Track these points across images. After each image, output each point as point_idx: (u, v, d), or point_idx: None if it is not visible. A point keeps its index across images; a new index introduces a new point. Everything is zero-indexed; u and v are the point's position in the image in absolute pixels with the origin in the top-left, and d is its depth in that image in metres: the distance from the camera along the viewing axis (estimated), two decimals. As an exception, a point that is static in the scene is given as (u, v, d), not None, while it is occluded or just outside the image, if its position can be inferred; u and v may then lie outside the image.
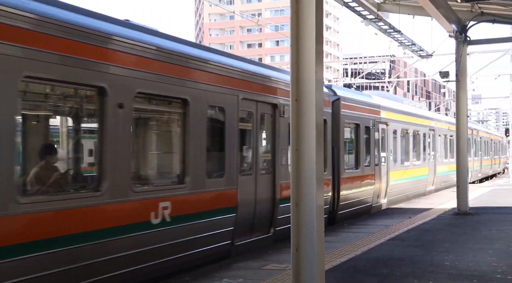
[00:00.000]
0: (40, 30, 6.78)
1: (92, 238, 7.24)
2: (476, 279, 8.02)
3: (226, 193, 10.37)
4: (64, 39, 7.10)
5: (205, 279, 8.33)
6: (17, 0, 6.62)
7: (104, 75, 7.71)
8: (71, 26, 7.25)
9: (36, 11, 6.82)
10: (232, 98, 10.52)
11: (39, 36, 6.80)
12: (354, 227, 13.94)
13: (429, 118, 27.76)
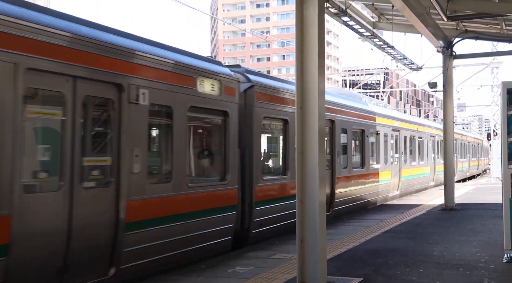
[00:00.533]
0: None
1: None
2: (462, 268, 7.99)
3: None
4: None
5: (220, 266, 8.32)
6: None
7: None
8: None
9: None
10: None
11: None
12: (353, 221, 13.89)
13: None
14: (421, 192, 25.02)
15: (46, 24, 6.40)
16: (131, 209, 7.43)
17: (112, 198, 7.27)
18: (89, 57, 6.97)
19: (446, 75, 17.26)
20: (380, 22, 17.15)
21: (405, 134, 22.98)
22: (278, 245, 10.18)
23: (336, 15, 14.70)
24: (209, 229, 9.19)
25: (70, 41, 6.72)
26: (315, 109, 6.74)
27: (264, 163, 12.21)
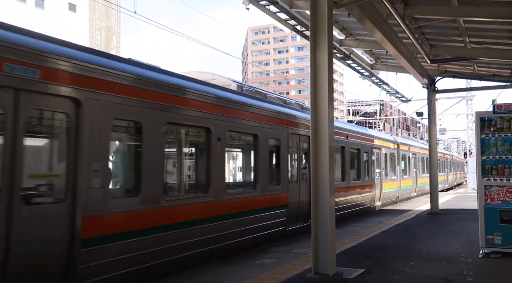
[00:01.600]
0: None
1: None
2: (446, 261, 7.85)
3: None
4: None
5: (251, 258, 8.31)
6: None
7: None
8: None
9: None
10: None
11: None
12: (356, 222, 13.78)
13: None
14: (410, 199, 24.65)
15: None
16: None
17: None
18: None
19: (430, 106, 17.26)
20: (377, 64, 17.19)
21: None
22: (295, 242, 10.12)
23: (342, 59, 14.77)
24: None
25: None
26: (325, 133, 6.75)
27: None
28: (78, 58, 5.94)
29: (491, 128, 8.45)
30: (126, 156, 7.49)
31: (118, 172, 7.36)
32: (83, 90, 5.87)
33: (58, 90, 5.61)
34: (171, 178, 8.32)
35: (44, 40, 5.72)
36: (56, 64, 5.62)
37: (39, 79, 5.38)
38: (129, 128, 7.07)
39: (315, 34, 6.82)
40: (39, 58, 5.42)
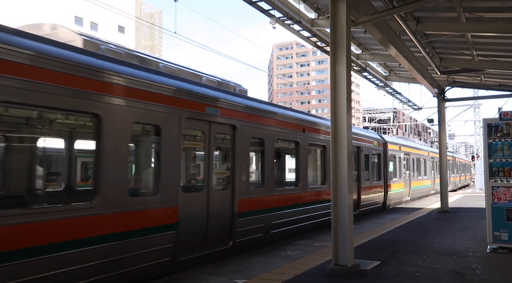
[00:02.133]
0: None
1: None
2: (455, 255, 7.62)
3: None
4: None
5: (276, 250, 8.29)
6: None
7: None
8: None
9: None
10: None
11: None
12: (372, 219, 13.55)
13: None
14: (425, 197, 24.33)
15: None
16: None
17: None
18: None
19: (440, 114, 16.86)
20: (390, 76, 16.94)
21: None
22: (317, 236, 10.04)
23: (359, 71, 14.62)
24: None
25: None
26: (344, 138, 6.67)
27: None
28: (237, 102, 8.27)
29: (497, 134, 8.24)
30: (257, 162, 9.53)
31: (253, 172, 9.40)
32: (238, 120, 8.17)
33: (226, 121, 7.86)
34: (279, 177, 10.19)
35: (218, 91, 7.93)
36: (226, 106, 7.86)
37: (218, 115, 7.63)
38: (257, 144, 9.09)
39: (335, 49, 6.77)
40: (220, 103, 7.70)
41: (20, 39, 4.75)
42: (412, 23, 9.80)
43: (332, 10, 6.77)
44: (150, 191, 6.43)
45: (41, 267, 4.62)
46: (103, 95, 5.46)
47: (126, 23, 50.48)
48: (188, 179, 7.44)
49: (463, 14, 9.32)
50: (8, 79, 4.49)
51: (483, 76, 15.17)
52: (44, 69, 4.84)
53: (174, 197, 6.52)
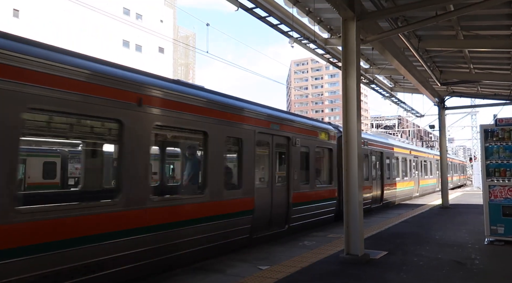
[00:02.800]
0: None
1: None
2: (456, 247, 7.40)
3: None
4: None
5: (295, 241, 8.22)
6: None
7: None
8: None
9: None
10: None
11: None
12: (380, 213, 13.31)
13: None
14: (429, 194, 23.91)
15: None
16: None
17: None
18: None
19: (440, 120, 16.47)
20: (395, 87, 16.63)
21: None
22: (330, 228, 9.92)
23: (367, 84, 14.42)
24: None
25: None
26: (354, 142, 6.59)
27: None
28: (290, 119, 9.38)
29: (493, 138, 8.00)
30: (302, 165, 9.91)
31: (301, 172, 9.81)
32: (294, 133, 9.27)
33: (284, 134, 8.95)
34: (318, 176, 10.82)
35: (277, 111, 9.06)
36: (283, 123, 8.95)
37: (279, 129, 8.75)
38: (303, 151, 9.90)
39: (346, 65, 6.71)
40: (278, 121, 8.78)
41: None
42: (414, 41, 9.63)
43: (344, 31, 6.72)
44: (237, 185, 7.58)
45: (179, 235, 6.04)
46: (209, 118, 6.79)
47: (165, 45, 51.33)
48: (259, 177, 8.51)
49: (461, 32, 9.11)
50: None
51: (479, 86, 14.76)
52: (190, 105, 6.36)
53: (251, 190, 7.78)
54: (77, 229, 4.56)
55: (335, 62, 12.10)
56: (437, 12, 7.53)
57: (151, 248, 5.50)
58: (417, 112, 22.33)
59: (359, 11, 6.75)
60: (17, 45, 4.23)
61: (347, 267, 5.98)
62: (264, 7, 8.29)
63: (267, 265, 6.06)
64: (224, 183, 7.03)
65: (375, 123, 57.69)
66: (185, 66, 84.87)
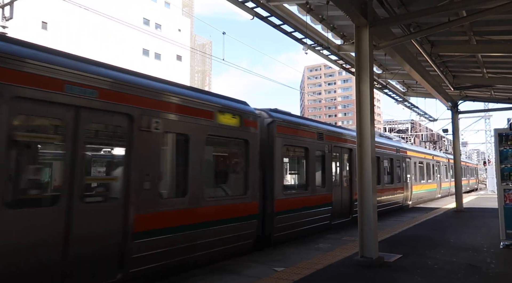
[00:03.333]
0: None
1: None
2: (471, 251, 7.22)
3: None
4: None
5: (310, 243, 8.17)
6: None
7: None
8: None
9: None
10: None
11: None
12: (393, 217, 13.09)
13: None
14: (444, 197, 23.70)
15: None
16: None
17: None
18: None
19: (454, 125, 16.10)
20: (408, 92, 16.40)
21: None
22: (345, 232, 9.81)
23: (380, 89, 14.27)
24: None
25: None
26: (368, 146, 6.51)
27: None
28: (335, 131, 10.87)
29: (508, 142, 7.78)
30: (345, 168, 11.34)
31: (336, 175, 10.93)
32: (329, 142, 10.27)
33: (341, 145, 10.78)
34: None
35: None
36: (323, 132, 10.06)
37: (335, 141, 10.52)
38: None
39: (359, 70, 6.66)
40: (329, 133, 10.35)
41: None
42: (427, 46, 9.50)
43: (357, 37, 6.68)
44: (321, 184, 9.86)
45: (308, 215, 9.10)
46: (309, 138, 9.45)
47: (183, 53, 51.93)
48: (334, 178, 10.52)
49: (474, 37, 8.95)
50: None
51: (493, 91, 14.43)
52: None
53: (330, 188, 10.15)
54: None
55: (348, 67, 12.02)
56: (450, 18, 7.42)
57: (310, 219, 9.20)
58: (430, 116, 21.98)
59: (372, 18, 6.71)
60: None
61: (362, 269, 5.90)
62: (279, 16, 8.32)
63: (282, 267, 6.03)
64: (319, 183, 9.58)
65: (388, 127, 56.93)
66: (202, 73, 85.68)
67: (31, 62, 4.15)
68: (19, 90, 4.00)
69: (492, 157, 34.13)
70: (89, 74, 4.67)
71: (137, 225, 4.94)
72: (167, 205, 5.45)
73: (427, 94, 15.41)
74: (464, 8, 6.99)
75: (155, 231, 5.19)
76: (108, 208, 4.80)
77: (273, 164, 7.89)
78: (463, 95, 15.44)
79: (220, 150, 7.06)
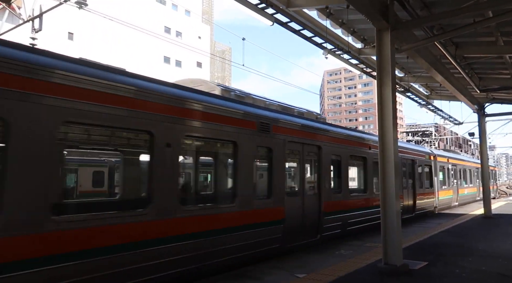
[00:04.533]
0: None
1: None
2: (501, 259, 6.96)
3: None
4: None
5: (332, 249, 8.05)
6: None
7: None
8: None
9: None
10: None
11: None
12: (418, 223, 12.74)
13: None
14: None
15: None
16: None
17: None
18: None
19: (480, 128, 15.61)
20: (432, 95, 16.04)
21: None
22: (367, 237, 9.62)
23: (402, 92, 14.02)
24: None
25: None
26: (391, 151, 6.39)
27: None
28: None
29: (539, 146, 7.46)
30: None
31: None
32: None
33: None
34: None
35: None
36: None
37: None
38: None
39: (381, 74, 6.57)
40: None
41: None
42: (451, 48, 9.28)
43: (378, 41, 6.60)
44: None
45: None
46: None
47: (203, 59, 52.60)
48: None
49: (501, 38, 8.68)
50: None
51: (521, 92, 13.93)
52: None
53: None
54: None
55: (369, 71, 11.88)
56: (475, 19, 7.24)
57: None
58: (455, 119, 21.38)
59: (394, 21, 6.62)
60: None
61: (385, 277, 5.78)
62: (298, 21, 8.32)
63: (304, 273, 5.97)
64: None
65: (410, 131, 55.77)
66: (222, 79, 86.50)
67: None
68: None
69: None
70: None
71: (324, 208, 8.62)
72: (336, 197, 9.24)
73: (452, 96, 15.02)
74: (490, 9, 6.81)
75: (332, 212, 8.84)
76: (315, 197, 8.48)
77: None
78: (490, 98, 14.96)
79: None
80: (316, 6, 8.09)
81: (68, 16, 35.90)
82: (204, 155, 7.60)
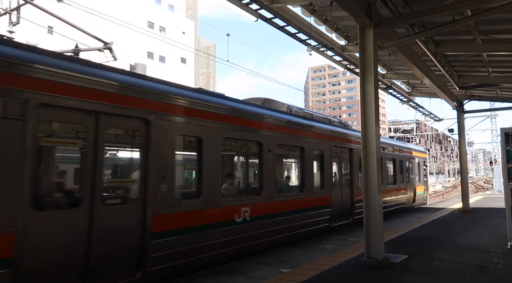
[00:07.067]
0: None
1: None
2: (478, 251, 7.17)
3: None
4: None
5: (317, 243, 8.13)
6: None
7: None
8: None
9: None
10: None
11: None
12: (399, 218, 12.99)
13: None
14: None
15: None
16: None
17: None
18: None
19: (459, 124, 16.02)
20: (413, 92, 16.32)
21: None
22: (350, 232, 9.76)
23: (385, 89, 14.21)
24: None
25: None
26: (373, 146, 6.48)
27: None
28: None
29: (515, 141, 7.71)
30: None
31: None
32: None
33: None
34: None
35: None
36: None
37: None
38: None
39: (363, 71, 6.65)
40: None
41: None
42: (432, 46, 9.46)
43: (361, 38, 6.67)
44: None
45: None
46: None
47: (187, 55, 52.11)
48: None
49: (479, 36, 8.89)
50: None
51: (499, 90, 14.33)
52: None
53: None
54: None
55: (353, 68, 11.99)
56: (455, 17, 7.38)
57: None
58: (436, 116, 21.86)
59: (376, 18, 6.69)
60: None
61: (368, 270, 5.87)
62: (283, 17, 8.32)
63: (288, 268, 6.02)
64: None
65: (393, 128, 56.70)
66: (206, 75, 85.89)
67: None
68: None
69: (498, 157, 33.82)
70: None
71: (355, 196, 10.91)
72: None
73: (432, 94, 15.33)
74: (469, 7, 6.95)
75: (360, 200, 8.74)
76: (348, 189, 10.74)
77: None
78: (468, 95, 15.35)
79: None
80: (300, 3, 8.10)
81: (48, 9, 34.96)
82: (287, 158, 9.70)
